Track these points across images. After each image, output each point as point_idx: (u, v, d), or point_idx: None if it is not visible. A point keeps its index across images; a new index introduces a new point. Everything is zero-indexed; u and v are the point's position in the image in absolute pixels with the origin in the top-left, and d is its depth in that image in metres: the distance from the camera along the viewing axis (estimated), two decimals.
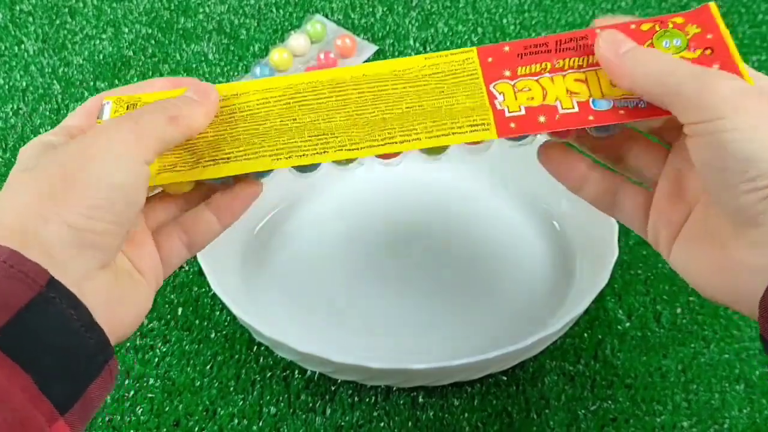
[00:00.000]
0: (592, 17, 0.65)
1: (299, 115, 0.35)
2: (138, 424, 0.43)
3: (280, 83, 0.36)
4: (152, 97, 0.35)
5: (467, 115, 0.33)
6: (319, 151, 0.34)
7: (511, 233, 0.50)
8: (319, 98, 0.35)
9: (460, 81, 0.34)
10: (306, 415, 0.43)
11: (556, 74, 0.33)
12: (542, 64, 0.34)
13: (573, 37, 0.34)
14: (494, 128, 0.33)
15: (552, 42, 0.34)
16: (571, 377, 0.44)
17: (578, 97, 0.33)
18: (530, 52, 0.34)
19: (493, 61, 0.34)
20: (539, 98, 0.33)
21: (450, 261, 0.49)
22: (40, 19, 0.66)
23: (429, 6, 0.67)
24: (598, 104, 0.33)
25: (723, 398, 0.43)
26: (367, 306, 0.47)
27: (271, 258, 0.49)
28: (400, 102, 0.34)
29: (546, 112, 0.33)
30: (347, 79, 0.35)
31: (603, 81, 0.33)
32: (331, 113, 0.34)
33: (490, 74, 0.34)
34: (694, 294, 0.48)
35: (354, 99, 0.34)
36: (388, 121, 0.34)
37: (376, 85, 0.35)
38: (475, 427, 0.43)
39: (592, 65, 0.33)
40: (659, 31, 0.33)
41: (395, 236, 0.50)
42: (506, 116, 0.33)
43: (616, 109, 0.32)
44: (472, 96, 0.34)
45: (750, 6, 0.66)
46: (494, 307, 0.46)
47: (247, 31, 0.65)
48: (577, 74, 0.33)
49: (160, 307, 0.48)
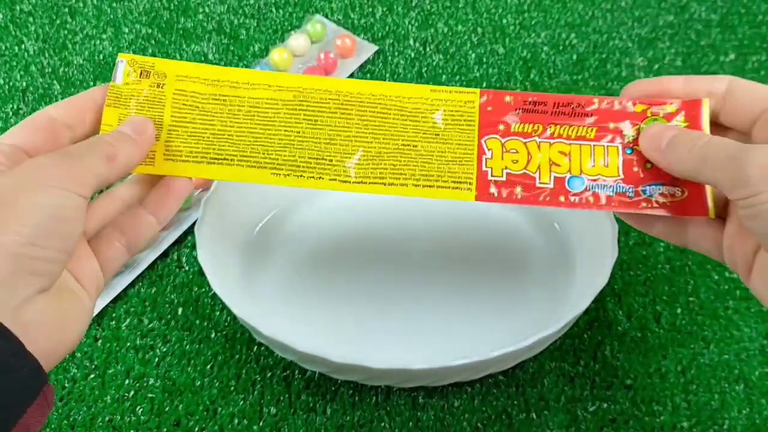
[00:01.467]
0: (592, 17, 0.65)
1: (303, 127, 0.36)
2: (138, 424, 0.43)
3: (288, 82, 0.37)
4: (164, 64, 0.36)
5: (454, 170, 0.36)
6: (316, 176, 0.36)
7: (511, 233, 0.50)
8: (323, 112, 0.36)
9: (456, 125, 0.36)
10: (306, 415, 0.43)
11: (544, 141, 0.36)
12: (535, 126, 0.36)
13: (571, 101, 0.36)
14: (474, 190, 0.36)
15: (550, 102, 0.36)
16: (571, 378, 0.45)
17: (557, 170, 0.36)
18: (528, 109, 0.36)
19: (492, 111, 0.37)
20: (523, 163, 0.36)
21: (450, 261, 0.49)
22: (41, 19, 0.66)
23: (429, 6, 0.67)
24: (573, 183, 0.36)
25: (723, 399, 0.44)
26: (368, 306, 0.47)
27: (271, 258, 0.49)
28: (397, 138, 0.36)
29: (524, 183, 0.36)
30: (354, 96, 0.37)
31: (584, 157, 0.36)
32: (332, 133, 0.36)
33: (486, 125, 0.36)
34: (694, 295, 0.48)
35: (356, 122, 0.36)
36: (383, 158, 0.36)
37: (380, 113, 0.37)
38: (475, 427, 0.43)
39: (579, 138, 0.36)
40: (649, 117, 0.36)
41: (395, 237, 0.50)
42: (488, 178, 0.36)
43: (588, 193, 0.35)
44: (463, 146, 0.36)
45: (750, 6, 0.66)
46: (494, 308, 0.46)
47: (247, 31, 0.65)
48: (562, 145, 0.36)
49: (160, 307, 0.48)
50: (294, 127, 0.36)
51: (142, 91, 0.36)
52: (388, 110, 0.36)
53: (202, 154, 0.35)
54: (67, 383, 0.45)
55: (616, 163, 0.36)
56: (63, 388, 0.45)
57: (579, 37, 0.64)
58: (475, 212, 0.51)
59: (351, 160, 0.36)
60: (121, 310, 0.48)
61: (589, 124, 0.36)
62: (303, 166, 0.36)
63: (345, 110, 0.36)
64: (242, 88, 0.36)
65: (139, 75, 0.36)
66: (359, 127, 0.36)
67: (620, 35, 0.64)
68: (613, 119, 0.36)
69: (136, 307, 0.48)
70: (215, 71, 0.37)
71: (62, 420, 0.43)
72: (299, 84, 0.36)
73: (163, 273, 0.50)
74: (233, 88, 0.36)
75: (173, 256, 0.51)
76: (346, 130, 0.36)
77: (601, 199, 0.35)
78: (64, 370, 0.45)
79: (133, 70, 0.36)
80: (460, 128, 0.36)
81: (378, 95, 0.37)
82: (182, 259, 0.50)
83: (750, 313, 0.47)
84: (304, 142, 0.36)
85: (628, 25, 0.65)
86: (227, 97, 0.36)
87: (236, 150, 0.36)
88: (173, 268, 0.50)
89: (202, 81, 0.36)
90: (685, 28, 0.64)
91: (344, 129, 0.36)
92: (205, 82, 0.36)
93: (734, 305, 0.47)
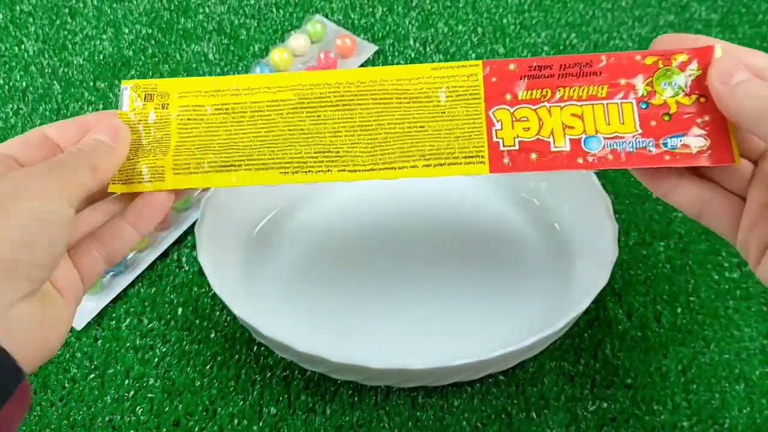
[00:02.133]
0: (592, 17, 0.65)
1: (306, 125, 0.36)
2: (138, 424, 0.43)
3: (288, 81, 0.37)
4: (166, 84, 0.37)
5: (464, 146, 0.35)
6: (324, 170, 0.35)
7: (511, 233, 0.50)
8: (325, 107, 0.36)
9: (462, 101, 0.36)
10: (306, 415, 0.43)
11: (554, 105, 0.35)
12: (543, 91, 0.35)
13: (578, 62, 0.35)
14: (488, 162, 0.35)
15: (556, 65, 0.35)
16: (571, 377, 0.44)
17: (572, 132, 0.35)
18: (534, 75, 0.35)
19: (497, 82, 0.36)
20: (535, 129, 0.35)
21: (450, 261, 0.49)
22: (40, 20, 0.66)
23: (429, 6, 0.67)
24: (590, 144, 0.34)
25: (723, 398, 0.44)
26: (367, 306, 0.47)
27: (271, 258, 0.49)
28: (402, 121, 0.36)
29: (539, 148, 0.34)
30: (354, 86, 0.36)
31: (598, 117, 0.35)
32: (336, 126, 0.36)
33: (492, 97, 0.35)
34: (695, 294, 0.48)
35: (359, 112, 0.36)
36: (390, 143, 0.35)
37: (382, 99, 0.36)
38: (475, 427, 0.43)
39: (591, 98, 0.35)
40: (661, 68, 0.35)
41: (395, 237, 0.50)
42: (500, 149, 0.35)
43: (606, 151, 0.34)
44: (471, 121, 0.35)
45: (750, 5, 0.66)
46: (494, 307, 0.46)
47: (247, 31, 0.65)
48: (574, 107, 0.35)
49: (160, 307, 0.48)
50: (297, 125, 0.36)
51: (148, 115, 0.36)
52: (389, 95, 0.36)
53: (210, 163, 0.36)
54: (67, 383, 0.45)
55: (632, 118, 0.34)
56: (63, 388, 0.45)
57: (579, 37, 0.64)
58: (475, 212, 0.51)
59: (358, 149, 0.35)
60: (121, 310, 0.48)
61: (599, 82, 0.35)
62: (310, 161, 0.35)
63: (347, 102, 0.36)
64: (243, 95, 0.37)
65: (143, 99, 0.36)
66: (363, 116, 0.36)
67: (621, 35, 0.64)
68: (624, 75, 0.35)
69: (135, 307, 0.48)
70: (215, 82, 0.37)
71: (62, 420, 0.43)
72: (298, 81, 0.36)
73: (163, 273, 0.50)
74: (235, 96, 0.37)
75: (173, 256, 0.51)
76: (350, 120, 0.36)
77: (621, 157, 0.34)
78: (64, 370, 0.45)
79: (137, 95, 0.37)
80: (467, 103, 0.35)
81: (379, 81, 0.36)
82: (182, 259, 0.50)
83: (750, 313, 0.47)
84: (309, 137, 0.36)
85: (629, 24, 0.65)
86: (229, 105, 0.36)
87: (243, 155, 0.36)
88: (173, 268, 0.50)
89: (204, 93, 0.37)
90: (685, 27, 0.64)
91: (348, 120, 0.36)
92: (207, 94, 0.37)
93: (735, 305, 0.47)
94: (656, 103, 0.35)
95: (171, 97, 0.37)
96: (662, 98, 0.35)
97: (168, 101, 0.37)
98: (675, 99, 0.34)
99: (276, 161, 0.36)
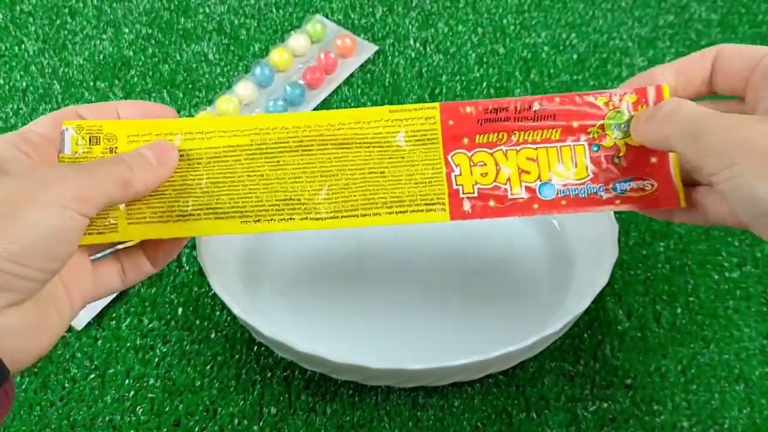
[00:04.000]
0: (593, 17, 0.65)
1: (266, 170, 0.35)
2: (138, 424, 0.43)
3: (245, 125, 0.35)
4: (113, 126, 0.34)
5: (424, 192, 0.35)
6: (286, 218, 0.35)
7: (511, 233, 0.50)
8: (284, 152, 0.35)
9: (421, 145, 0.35)
10: (306, 415, 0.43)
11: (510, 149, 0.35)
12: (499, 135, 0.36)
13: (531, 104, 0.35)
14: (449, 209, 0.35)
15: (512, 107, 0.35)
16: (571, 377, 0.45)
17: (527, 178, 0.35)
18: (489, 119, 0.35)
19: (453, 125, 0.36)
20: (492, 175, 0.35)
21: (450, 261, 0.49)
22: (41, 20, 0.66)
23: (429, 6, 0.67)
24: (544, 192, 0.35)
25: (723, 398, 0.44)
26: (367, 306, 0.47)
27: (272, 258, 0.49)
28: (363, 166, 0.35)
29: (496, 195, 0.35)
30: (312, 130, 0.35)
31: (552, 160, 0.35)
32: (296, 172, 0.35)
33: (450, 141, 0.36)
34: (694, 294, 0.48)
35: (319, 157, 0.35)
36: (351, 189, 0.35)
37: (342, 143, 0.35)
38: (475, 427, 0.43)
39: (545, 140, 0.35)
40: (611, 111, 0.35)
41: (395, 237, 0.50)
42: (461, 196, 0.35)
43: (560, 198, 0.35)
44: (431, 166, 0.35)
45: (750, 6, 0.66)
46: (494, 307, 0.46)
47: (247, 31, 0.65)
48: (529, 151, 0.35)
49: (160, 307, 0.48)
50: (256, 171, 0.35)
51: (94, 160, 0.34)
52: (349, 140, 0.35)
53: (168, 213, 0.34)
54: (67, 383, 0.45)
55: (584, 162, 0.35)
56: (63, 388, 0.45)
57: (579, 37, 0.64)
58: None
59: (319, 197, 0.35)
60: (121, 310, 0.48)
61: (552, 126, 0.35)
62: (272, 210, 0.35)
63: (306, 147, 0.35)
64: (197, 139, 0.35)
65: (88, 142, 0.34)
66: (323, 162, 0.35)
67: (620, 35, 0.64)
68: (576, 117, 0.35)
69: (136, 307, 0.48)
70: (165, 125, 0.35)
71: (62, 420, 0.43)
72: (254, 125, 0.35)
73: (163, 273, 0.50)
74: (188, 141, 0.35)
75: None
76: (310, 166, 0.35)
77: (574, 203, 0.35)
78: (64, 370, 0.45)
79: (81, 137, 0.34)
80: (425, 147, 0.35)
81: (336, 125, 0.35)
82: (182, 259, 0.51)
83: (750, 313, 0.47)
84: (269, 184, 0.35)
85: (629, 24, 0.65)
86: (184, 151, 0.35)
87: (201, 203, 0.34)
88: (173, 268, 0.50)
89: (156, 136, 0.35)
90: (685, 27, 0.64)
91: (308, 165, 0.35)
92: (159, 138, 0.35)
93: (734, 305, 0.47)
94: (607, 145, 0.35)
95: (119, 140, 0.34)
96: (612, 140, 0.35)
97: (116, 145, 0.34)
98: (624, 141, 0.35)
99: (236, 210, 0.35)
